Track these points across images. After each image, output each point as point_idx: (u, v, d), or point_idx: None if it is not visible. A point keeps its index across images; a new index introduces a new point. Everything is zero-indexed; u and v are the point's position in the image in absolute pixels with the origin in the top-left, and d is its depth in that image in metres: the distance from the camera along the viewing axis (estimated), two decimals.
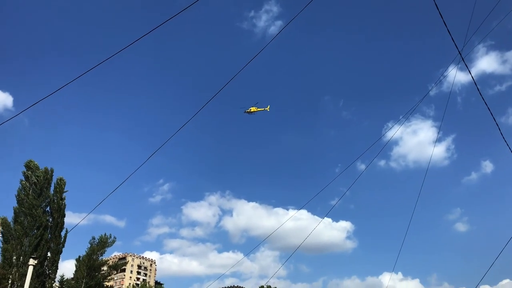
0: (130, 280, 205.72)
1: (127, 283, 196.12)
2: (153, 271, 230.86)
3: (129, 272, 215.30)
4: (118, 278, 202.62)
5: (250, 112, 78.06)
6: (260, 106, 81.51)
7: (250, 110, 77.36)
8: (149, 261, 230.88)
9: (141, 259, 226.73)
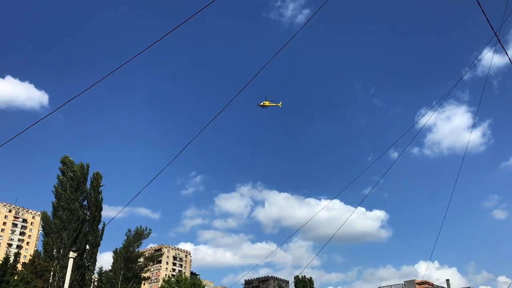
0: (166, 271, 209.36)
1: (163, 274, 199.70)
2: (188, 262, 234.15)
3: (165, 263, 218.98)
4: (155, 270, 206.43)
5: (263, 106, 77.88)
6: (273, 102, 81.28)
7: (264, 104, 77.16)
8: (184, 252, 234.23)
9: (176, 250, 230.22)
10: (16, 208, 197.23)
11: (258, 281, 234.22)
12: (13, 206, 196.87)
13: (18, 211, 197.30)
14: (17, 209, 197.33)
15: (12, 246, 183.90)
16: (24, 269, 69.15)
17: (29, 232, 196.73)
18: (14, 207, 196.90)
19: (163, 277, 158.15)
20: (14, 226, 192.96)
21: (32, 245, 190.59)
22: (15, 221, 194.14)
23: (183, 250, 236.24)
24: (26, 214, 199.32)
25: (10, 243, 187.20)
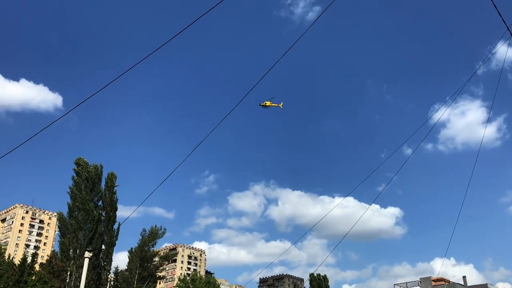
0: (181, 270, 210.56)
1: (178, 273, 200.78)
2: (203, 261, 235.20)
3: (180, 262, 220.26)
4: (170, 269, 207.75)
5: (265, 106, 77.63)
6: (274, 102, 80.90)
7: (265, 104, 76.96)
8: (198, 251, 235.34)
9: (190, 249, 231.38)
10: (33, 209, 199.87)
11: (273, 279, 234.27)
12: (30, 207, 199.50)
13: (35, 212, 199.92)
14: (34, 210, 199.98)
15: (29, 246, 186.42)
16: (42, 269, 70.11)
17: (46, 233, 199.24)
18: (31, 208, 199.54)
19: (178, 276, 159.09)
20: (31, 227, 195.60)
21: (49, 245, 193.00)
22: (32, 222, 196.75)
23: (198, 249, 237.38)
24: (43, 215, 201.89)
25: (27, 244, 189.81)
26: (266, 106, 76.70)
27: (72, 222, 67.74)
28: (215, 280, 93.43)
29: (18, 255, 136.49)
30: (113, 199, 72.89)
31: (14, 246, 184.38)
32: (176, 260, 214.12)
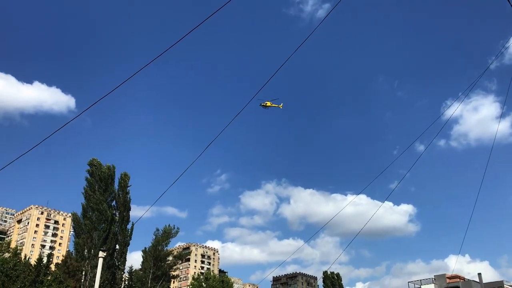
0: (195, 269, 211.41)
1: (192, 272, 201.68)
2: (216, 259, 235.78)
3: (193, 261, 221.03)
4: (183, 268, 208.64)
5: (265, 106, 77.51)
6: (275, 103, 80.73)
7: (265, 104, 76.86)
8: (212, 250, 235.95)
9: (204, 248, 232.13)
10: (47, 210, 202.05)
11: (286, 277, 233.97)
12: (45, 208, 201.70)
13: (49, 213, 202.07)
14: (48, 211, 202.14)
15: (45, 247, 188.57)
16: (57, 270, 70.86)
17: (60, 233, 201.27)
18: (46, 209, 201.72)
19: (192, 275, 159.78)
20: (46, 227, 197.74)
21: (64, 246, 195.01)
22: (47, 223, 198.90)
23: (211, 248, 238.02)
24: (58, 216, 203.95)
25: (43, 244, 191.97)
26: (267, 106, 76.73)
27: (86, 223, 68.33)
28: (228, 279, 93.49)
29: (34, 256, 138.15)
30: (126, 199, 73.35)
31: (30, 247, 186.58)
32: (189, 259, 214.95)
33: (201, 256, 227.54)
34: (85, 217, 69.17)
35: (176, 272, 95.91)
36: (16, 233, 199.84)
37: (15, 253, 75.66)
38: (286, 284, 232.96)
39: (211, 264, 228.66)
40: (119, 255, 70.92)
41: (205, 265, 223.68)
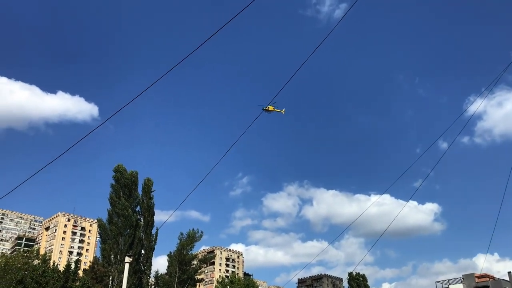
0: (219, 273, 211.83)
1: (217, 275, 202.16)
2: (240, 262, 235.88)
3: (218, 264, 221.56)
4: (208, 271, 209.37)
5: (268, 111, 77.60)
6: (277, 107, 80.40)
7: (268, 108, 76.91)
8: (236, 253, 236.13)
9: (228, 251, 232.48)
10: (74, 217, 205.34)
11: (311, 279, 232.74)
12: (72, 215, 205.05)
13: (76, 219, 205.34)
14: (75, 218, 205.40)
15: (72, 253, 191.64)
16: (85, 275, 72.00)
17: (87, 240, 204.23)
18: (73, 216, 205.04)
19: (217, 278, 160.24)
20: (73, 234, 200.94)
21: (91, 251, 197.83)
22: (74, 230, 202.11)
23: (235, 251, 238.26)
24: (84, 222, 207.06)
25: (70, 251, 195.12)
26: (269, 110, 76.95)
27: (112, 228, 69.26)
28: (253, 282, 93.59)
29: (62, 262, 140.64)
30: (150, 204, 74.09)
31: (58, 253, 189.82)
32: (214, 262, 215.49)
33: (225, 259, 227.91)
34: (110, 223, 70.13)
35: (201, 276, 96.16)
36: (45, 240, 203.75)
37: (44, 260, 77.10)
38: (311, 286, 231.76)
39: (236, 267, 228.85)
40: (145, 260, 71.63)
41: (229, 268, 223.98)
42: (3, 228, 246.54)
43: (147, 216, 73.05)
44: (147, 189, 75.08)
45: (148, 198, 74.60)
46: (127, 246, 68.29)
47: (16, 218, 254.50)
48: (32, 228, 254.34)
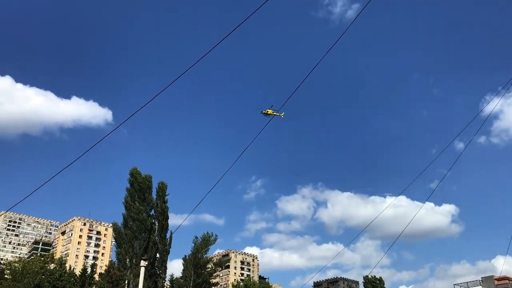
0: (235, 276, 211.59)
1: (232, 279, 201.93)
2: (255, 266, 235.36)
3: (233, 268, 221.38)
4: (223, 275, 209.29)
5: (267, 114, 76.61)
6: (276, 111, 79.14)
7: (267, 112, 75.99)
8: (251, 257, 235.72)
9: (243, 255, 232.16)
10: (90, 221, 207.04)
11: (327, 282, 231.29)
12: (87, 220, 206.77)
13: (92, 224, 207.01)
14: (91, 222, 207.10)
15: (88, 257, 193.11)
16: (101, 279, 72.36)
17: (103, 244, 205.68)
18: (88, 220, 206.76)
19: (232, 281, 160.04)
20: (89, 238, 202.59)
21: (106, 255, 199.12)
22: (90, 234, 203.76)
23: (250, 254, 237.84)
24: (99, 226, 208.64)
25: (86, 255, 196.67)
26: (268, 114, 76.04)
27: (127, 232, 69.49)
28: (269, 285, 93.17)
29: (78, 266, 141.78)
30: (164, 208, 74.19)
31: (74, 257, 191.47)
32: (229, 266, 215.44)
33: (240, 262, 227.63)
34: (126, 227, 70.37)
35: (216, 279, 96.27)
36: (61, 245, 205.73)
37: (60, 264, 77.70)
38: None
39: (251, 270, 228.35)
40: (160, 264, 71.74)
41: (244, 271, 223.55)
42: (20, 233, 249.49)
43: (161, 220, 73.16)
44: (161, 193, 75.21)
45: (162, 202, 74.73)
46: (142, 250, 68.44)
47: (33, 223, 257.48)
48: (49, 232, 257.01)
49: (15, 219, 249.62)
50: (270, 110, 76.63)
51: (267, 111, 76.87)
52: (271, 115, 77.92)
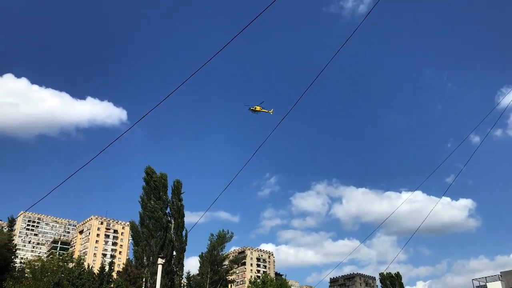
0: (251, 273, 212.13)
1: (248, 276, 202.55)
2: (271, 262, 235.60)
3: (249, 265, 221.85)
4: (240, 272, 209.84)
5: (255, 111, 75.44)
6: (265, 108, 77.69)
7: (255, 109, 74.83)
8: (267, 253, 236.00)
9: (259, 252, 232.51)
10: (107, 220, 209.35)
11: (343, 278, 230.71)
12: (104, 218, 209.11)
13: (109, 223, 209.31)
14: (108, 221, 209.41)
15: (106, 256, 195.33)
16: (119, 277, 73.14)
17: (120, 242, 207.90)
18: (105, 219, 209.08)
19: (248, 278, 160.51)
20: (106, 237, 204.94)
21: (124, 254, 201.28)
22: (107, 232, 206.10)
23: (266, 251, 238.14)
24: (116, 225, 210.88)
25: (104, 253, 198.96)
26: (256, 111, 75.07)
27: (144, 231, 70.11)
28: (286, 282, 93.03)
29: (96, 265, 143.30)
30: (180, 206, 74.67)
31: (92, 256, 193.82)
32: (245, 263, 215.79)
33: (256, 259, 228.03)
34: (142, 225, 70.99)
35: (233, 276, 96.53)
36: (79, 243, 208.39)
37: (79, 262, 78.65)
38: (343, 285, 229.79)
39: (267, 267, 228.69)
40: (177, 261, 72.23)
41: (261, 268, 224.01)
42: (39, 232, 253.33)
43: (177, 218, 73.64)
44: (176, 191, 75.67)
45: (177, 200, 75.20)
46: (159, 248, 68.97)
47: (51, 222, 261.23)
48: (67, 231, 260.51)
49: (34, 219, 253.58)
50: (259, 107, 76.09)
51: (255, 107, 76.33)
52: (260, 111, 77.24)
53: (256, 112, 75.17)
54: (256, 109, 74.27)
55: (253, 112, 74.75)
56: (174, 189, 75.77)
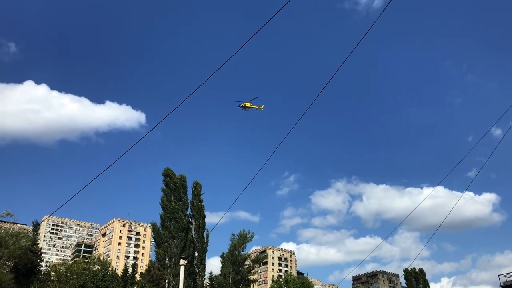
0: (273, 272, 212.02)
1: (270, 275, 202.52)
2: (293, 261, 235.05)
3: (271, 264, 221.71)
4: (261, 271, 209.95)
5: (245, 107, 74.10)
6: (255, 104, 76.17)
7: (245, 105, 73.53)
8: (288, 252, 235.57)
9: (280, 251, 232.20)
10: (129, 223, 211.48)
11: (366, 276, 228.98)
12: (126, 221, 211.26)
13: (131, 225, 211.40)
14: (130, 223, 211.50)
15: (129, 258, 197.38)
16: (142, 279, 73.80)
17: (142, 244, 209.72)
18: (127, 222, 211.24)
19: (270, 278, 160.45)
20: (129, 239, 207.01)
21: (146, 255, 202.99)
22: (129, 235, 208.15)
23: (287, 250, 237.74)
24: (138, 227, 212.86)
25: (127, 256, 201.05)
26: (246, 107, 73.88)
27: (164, 232, 70.67)
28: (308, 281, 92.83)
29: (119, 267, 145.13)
30: (200, 206, 75.09)
31: (115, 258, 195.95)
32: (266, 262, 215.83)
33: (278, 259, 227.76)
34: (163, 227, 71.56)
35: (255, 276, 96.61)
36: (102, 246, 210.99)
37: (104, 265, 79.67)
38: (366, 283, 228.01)
39: (289, 266, 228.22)
40: (199, 262, 72.61)
41: (282, 267, 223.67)
42: (63, 236, 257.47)
43: (198, 219, 74.06)
44: (196, 192, 76.11)
45: (198, 201, 75.62)
46: (180, 249, 69.40)
47: (75, 226, 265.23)
48: (90, 234, 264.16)
49: (57, 222, 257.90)
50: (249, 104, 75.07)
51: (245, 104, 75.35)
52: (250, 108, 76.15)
53: (246, 108, 74.40)
54: (246, 105, 73.55)
55: (243, 109, 74.03)
56: (194, 190, 76.21)
